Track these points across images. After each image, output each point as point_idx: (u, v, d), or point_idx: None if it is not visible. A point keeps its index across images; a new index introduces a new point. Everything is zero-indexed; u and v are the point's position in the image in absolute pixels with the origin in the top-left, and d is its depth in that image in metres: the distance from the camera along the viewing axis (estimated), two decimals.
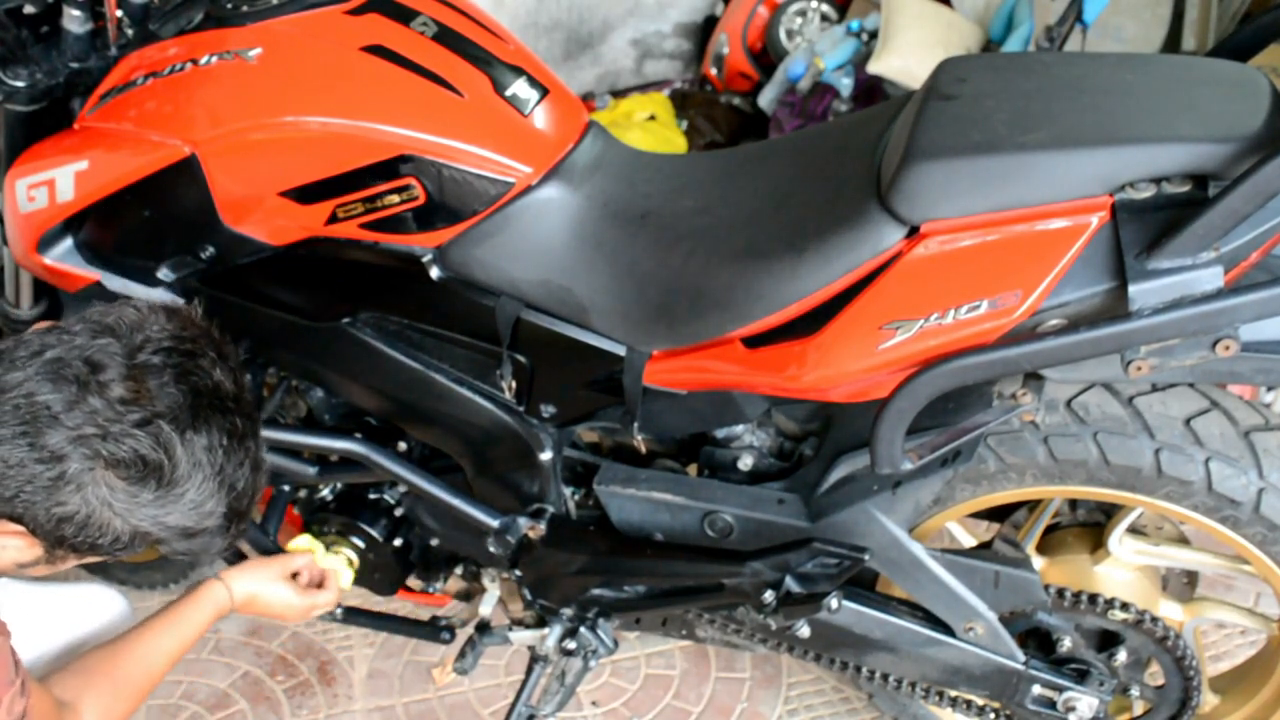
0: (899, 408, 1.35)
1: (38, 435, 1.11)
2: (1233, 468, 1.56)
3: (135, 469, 1.13)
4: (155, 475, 1.14)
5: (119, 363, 1.14)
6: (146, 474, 1.14)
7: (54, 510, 1.13)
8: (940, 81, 1.40)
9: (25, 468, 1.12)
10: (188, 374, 1.17)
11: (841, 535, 1.62)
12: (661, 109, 3.97)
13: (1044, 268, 1.25)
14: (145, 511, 1.16)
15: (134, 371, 1.14)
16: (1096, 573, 1.77)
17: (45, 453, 1.11)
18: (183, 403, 1.15)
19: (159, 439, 1.13)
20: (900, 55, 3.45)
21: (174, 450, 1.14)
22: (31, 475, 1.12)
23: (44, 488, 1.12)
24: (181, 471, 1.15)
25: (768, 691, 2.26)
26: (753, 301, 1.42)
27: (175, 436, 1.14)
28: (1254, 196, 1.15)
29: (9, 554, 1.20)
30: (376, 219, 1.53)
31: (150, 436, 1.13)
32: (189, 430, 1.15)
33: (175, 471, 1.15)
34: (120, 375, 1.13)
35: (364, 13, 1.56)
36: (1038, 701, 1.74)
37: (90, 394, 1.12)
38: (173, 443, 1.14)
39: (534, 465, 1.69)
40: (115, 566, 2.32)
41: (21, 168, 1.65)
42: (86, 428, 1.12)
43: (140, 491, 1.14)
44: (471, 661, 1.89)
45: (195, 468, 1.16)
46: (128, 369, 1.14)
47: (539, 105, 1.56)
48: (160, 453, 1.14)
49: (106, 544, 1.17)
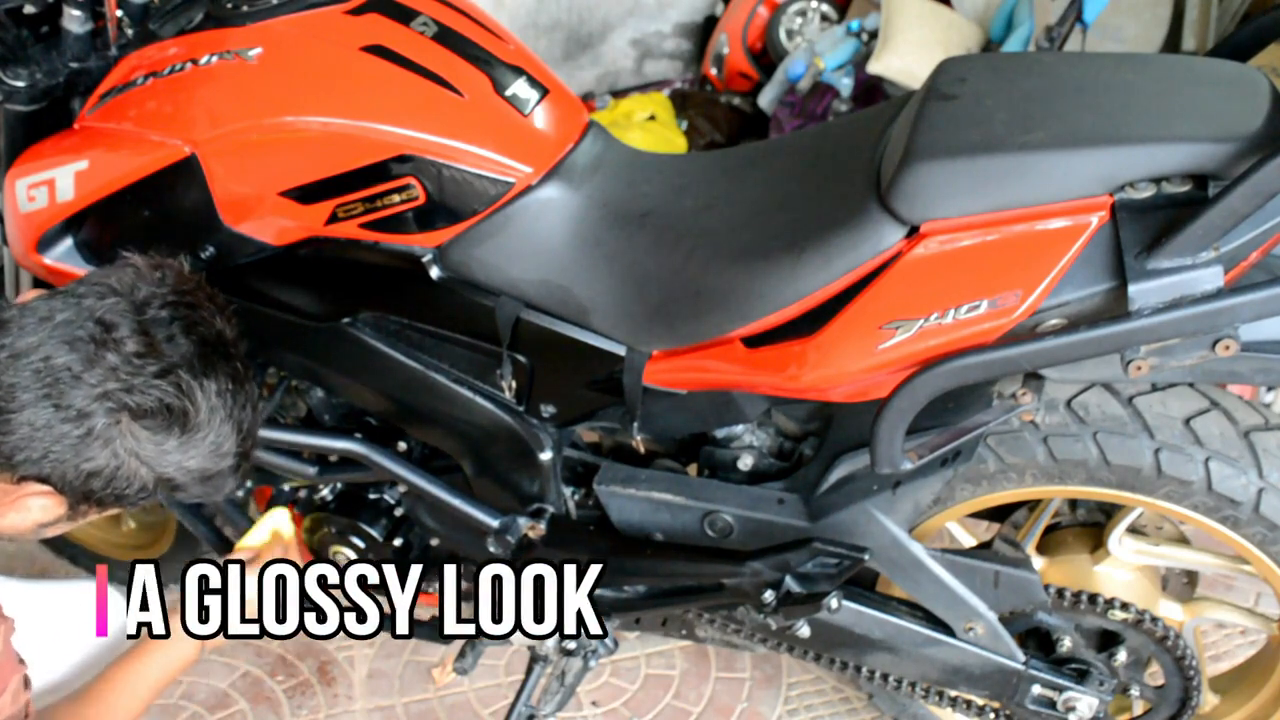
0: (899, 408, 1.35)
1: (61, 396, 1.16)
2: (1233, 468, 1.56)
3: (161, 417, 1.20)
4: (180, 422, 1.21)
5: (129, 319, 1.20)
6: (171, 421, 1.20)
7: (83, 466, 1.19)
8: (940, 81, 1.40)
9: (53, 428, 1.17)
10: (194, 324, 1.24)
11: (841, 535, 1.62)
12: (661, 109, 3.97)
13: (1044, 267, 1.26)
14: (171, 458, 1.22)
15: (144, 326, 1.20)
16: (1096, 573, 1.77)
17: (71, 411, 1.16)
18: (193, 352, 1.22)
19: (180, 386, 1.20)
20: (900, 55, 3.45)
21: (195, 396, 1.21)
22: (60, 435, 1.17)
23: (72, 445, 1.18)
24: (202, 416, 1.22)
25: (768, 691, 2.26)
26: (753, 301, 1.42)
27: (194, 383, 1.21)
28: (1254, 196, 1.15)
29: (32, 515, 1.25)
30: (376, 219, 1.53)
31: (172, 385, 1.20)
32: (202, 377, 1.22)
33: (197, 416, 1.22)
34: (132, 331, 1.19)
35: (364, 13, 1.56)
36: (1038, 701, 1.74)
37: (107, 351, 1.17)
38: (193, 389, 1.21)
39: (534, 465, 1.69)
40: (116, 566, 2.32)
41: (21, 168, 1.65)
42: (109, 383, 1.17)
43: (166, 439, 1.21)
44: (471, 661, 1.89)
45: (212, 412, 1.23)
46: (138, 324, 1.20)
47: (539, 105, 1.56)
48: (184, 399, 1.20)
49: (132, 493, 1.23)
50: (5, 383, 1.17)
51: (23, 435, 1.17)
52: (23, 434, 1.17)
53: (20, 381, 1.17)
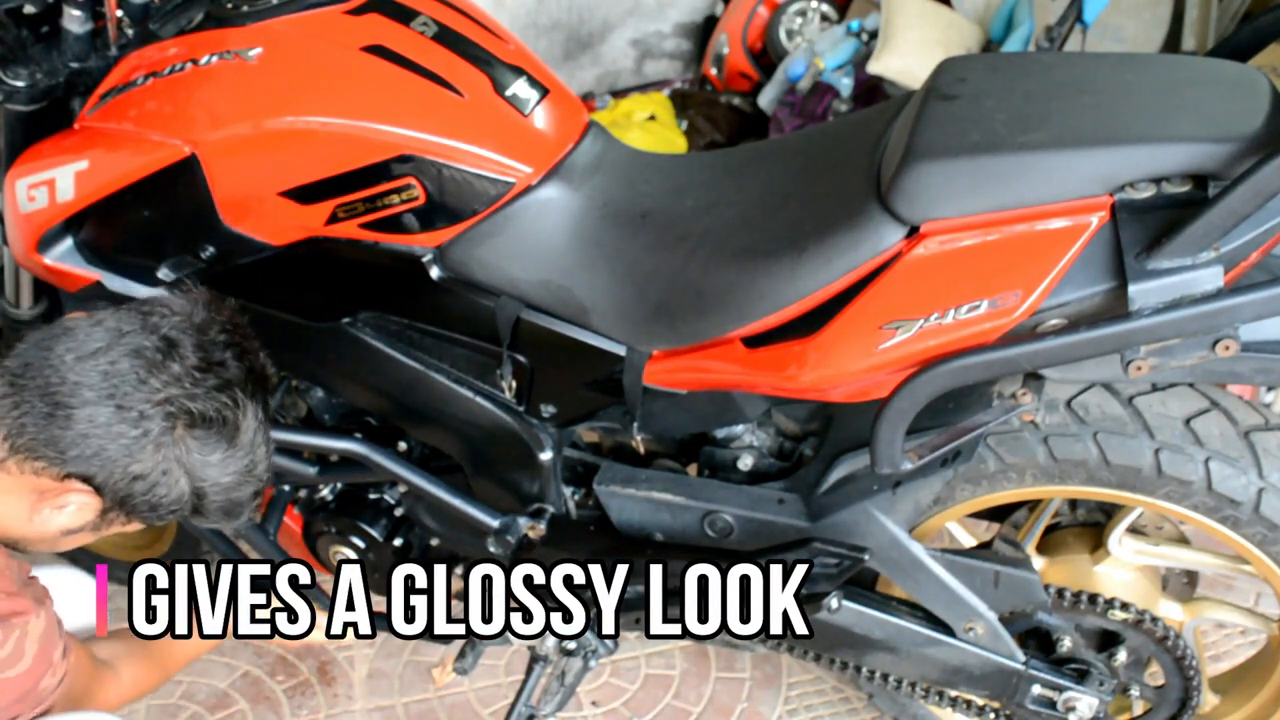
0: (899, 408, 1.35)
1: (125, 397, 1.24)
2: (1233, 468, 1.56)
3: (215, 429, 1.29)
4: (228, 436, 1.30)
5: (190, 338, 1.30)
6: (222, 435, 1.30)
7: (131, 468, 1.26)
8: (940, 81, 1.40)
9: (111, 427, 1.24)
10: (245, 353, 1.35)
11: (841, 535, 1.62)
12: (661, 109, 3.97)
13: (1044, 268, 1.26)
14: (211, 471, 1.30)
15: (203, 345, 1.30)
16: (1096, 573, 1.77)
17: (133, 413, 1.24)
18: (244, 376, 1.33)
19: (235, 402, 1.30)
20: (900, 55, 3.45)
21: (246, 413, 1.32)
22: (116, 434, 1.24)
23: (125, 446, 1.25)
24: (246, 436, 1.32)
25: (768, 691, 2.26)
26: (753, 301, 1.42)
27: (246, 401, 1.32)
28: (1254, 196, 1.15)
29: (62, 518, 1.31)
30: (376, 219, 1.53)
31: (230, 399, 1.30)
32: (250, 400, 1.33)
33: (242, 435, 1.31)
34: (193, 349, 1.29)
35: (364, 13, 1.56)
36: (1038, 701, 1.74)
37: (172, 362, 1.27)
38: (245, 406, 1.31)
39: (534, 465, 1.69)
40: (114, 565, 2.32)
41: (21, 168, 1.65)
42: (171, 389, 1.26)
43: (212, 452, 1.29)
44: (471, 661, 1.89)
45: (254, 433, 1.33)
46: (198, 343, 1.30)
47: (539, 105, 1.56)
48: (236, 413, 1.30)
49: (166, 504, 1.30)
50: (71, 380, 1.24)
51: (81, 430, 1.23)
52: (81, 429, 1.23)
53: (86, 381, 1.24)
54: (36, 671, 1.28)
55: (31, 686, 1.28)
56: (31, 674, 1.28)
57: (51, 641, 1.31)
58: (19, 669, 1.26)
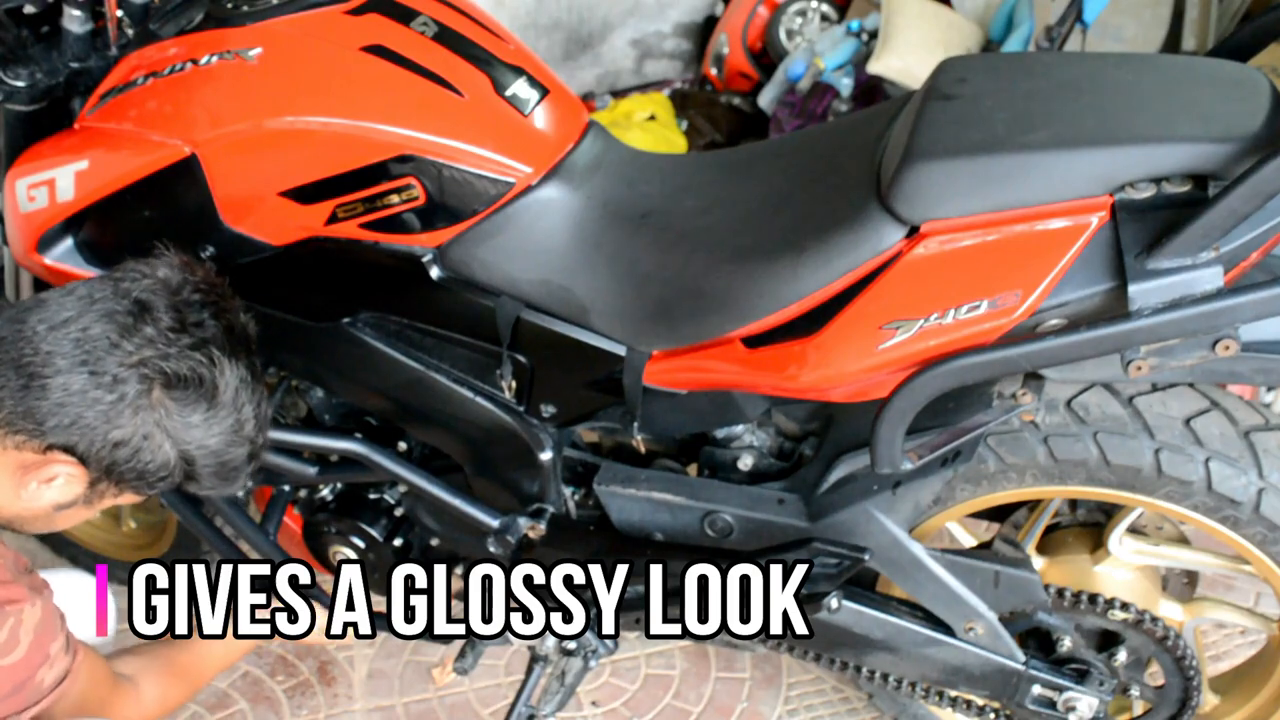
0: (899, 408, 1.35)
1: (98, 362, 1.23)
2: (1233, 468, 1.56)
3: (192, 387, 1.27)
4: (208, 396, 1.28)
5: (164, 299, 1.28)
6: (200, 394, 1.28)
7: (111, 435, 1.25)
8: (940, 81, 1.40)
9: (86, 394, 1.23)
10: (222, 311, 1.33)
11: (841, 535, 1.62)
12: (661, 109, 3.97)
13: (1044, 268, 1.26)
14: (195, 433, 1.29)
15: (177, 306, 1.29)
16: (1096, 573, 1.77)
17: (106, 377, 1.23)
18: (221, 334, 1.31)
19: (211, 359, 1.28)
20: (900, 55, 3.45)
21: (224, 370, 1.29)
22: (93, 400, 1.23)
23: (103, 412, 1.23)
24: (227, 395, 1.30)
25: (768, 691, 2.26)
26: (753, 301, 1.42)
27: (223, 359, 1.30)
28: (1254, 196, 1.15)
29: (51, 493, 1.30)
30: (376, 219, 1.53)
31: (205, 357, 1.28)
32: (230, 357, 1.31)
33: (222, 394, 1.29)
34: (166, 309, 1.28)
35: (364, 13, 1.56)
36: (1038, 701, 1.74)
37: (144, 324, 1.26)
38: (222, 364, 1.29)
39: (534, 465, 1.69)
40: (114, 565, 2.32)
41: (21, 168, 1.65)
42: (145, 350, 1.25)
43: (192, 413, 1.28)
44: (471, 661, 1.89)
45: (236, 392, 1.31)
46: (172, 304, 1.28)
47: (539, 105, 1.56)
48: (213, 370, 1.28)
49: (153, 469, 1.29)
50: (43, 350, 1.23)
51: (56, 400, 1.23)
52: (57, 398, 1.23)
53: (59, 349, 1.23)
54: (32, 661, 1.27)
55: (28, 677, 1.27)
56: (27, 663, 1.26)
57: (49, 633, 1.29)
58: (13, 657, 1.25)
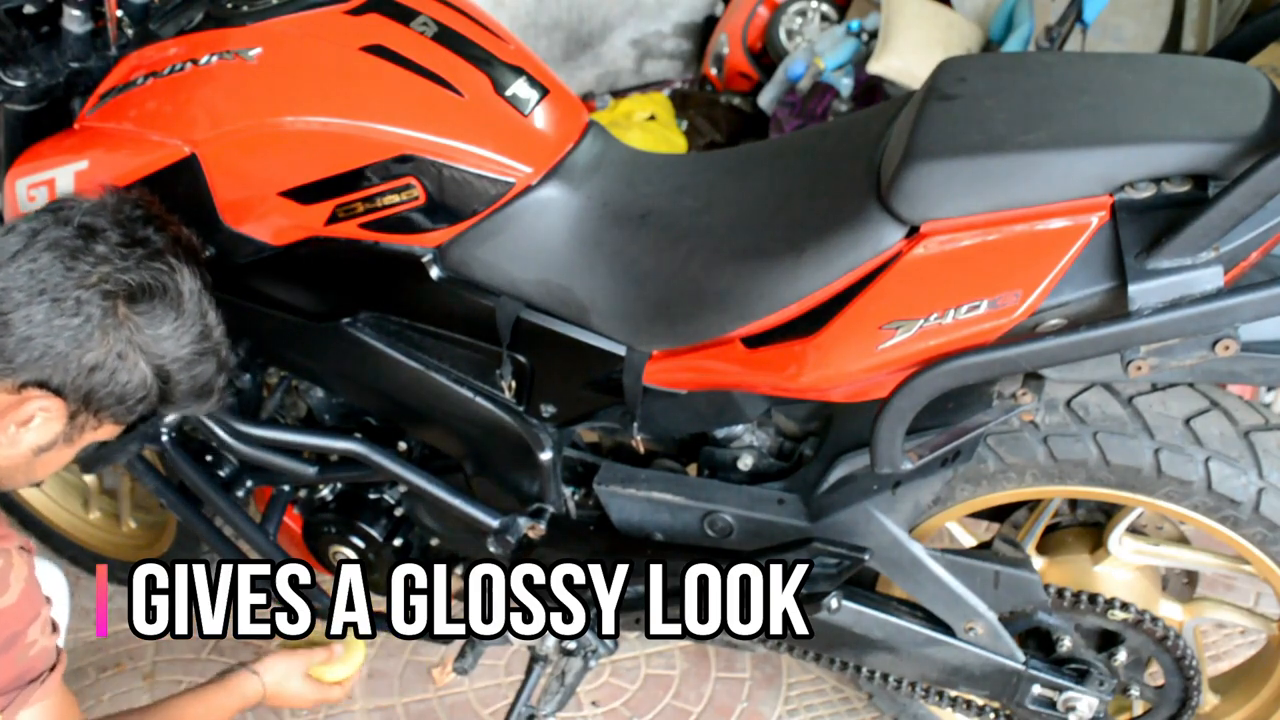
0: (899, 408, 1.35)
1: (56, 289, 1.23)
2: (1233, 468, 1.56)
3: (157, 297, 1.27)
4: (174, 305, 1.29)
5: (107, 219, 1.29)
6: (166, 303, 1.28)
7: (84, 360, 1.24)
8: (940, 81, 1.40)
9: (51, 322, 1.22)
10: (166, 224, 1.34)
11: (841, 535, 1.62)
12: (661, 109, 3.97)
13: (1044, 267, 1.25)
14: (165, 345, 1.28)
15: (122, 223, 1.29)
16: (1096, 573, 1.77)
17: (69, 302, 1.23)
18: (172, 244, 1.32)
19: (170, 265, 1.28)
20: (900, 55, 3.45)
21: (183, 274, 1.30)
22: (59, 329, 1.22)
23: (71, 337, 1.23)
24: (190, 302, 1.30)
25: (768, 691, 2.26)
26: (753, 301, 1.42)
27: (180, 265, 1.30)
28: (1254, 196, 1.15)
29: (30, 435, 1.28)
30: (376, 219, 1.53)
31: (163, 264, 1.28)
32: (184, 263, 1.31)
33: (186, 301, 1.30)
34: (112, 227, 1.28)
35: (364, 13, 1.56)
36: (1038, 701, 1.74)
37: (95, 243, 1.25)
38: (180, 269, 1.29)
39: (534, 465, 1.69)
40: (114, 565, 2.32)
41: (22, 168, 1.65)
42: (101, 268, 1.24)
43: (160, 324, 1.28)
44: (471, 661, 1.89)
45: (197, 299, 1.31)
46: (116, 222, 1.29)
47: (539, 105, 1.56)
48: (174, 277, 1.28)
49: (131, 390, 1.28)
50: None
51: (22, 334, 1.22)
52: (22, 333, 1.21)
53: (13, 284, 1.22)
54: (23, 612, 1.25)
55: (20, 629, 1.24)
56: (18, 611, 1.24)
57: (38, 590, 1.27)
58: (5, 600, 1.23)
